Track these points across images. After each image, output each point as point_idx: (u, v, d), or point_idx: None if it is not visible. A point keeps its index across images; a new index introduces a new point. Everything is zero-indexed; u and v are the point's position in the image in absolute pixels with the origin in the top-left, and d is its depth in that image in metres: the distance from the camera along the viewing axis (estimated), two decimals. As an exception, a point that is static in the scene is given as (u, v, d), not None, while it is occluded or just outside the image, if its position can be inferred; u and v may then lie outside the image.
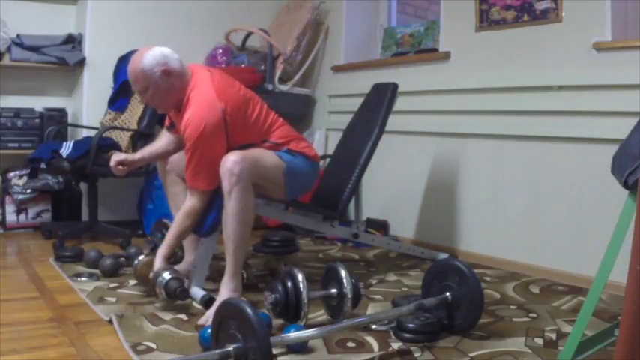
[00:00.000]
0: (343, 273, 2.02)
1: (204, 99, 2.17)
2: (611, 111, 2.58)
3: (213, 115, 2.14)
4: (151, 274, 2.17)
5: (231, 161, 2.07)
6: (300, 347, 1.78)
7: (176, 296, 2.11)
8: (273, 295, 1.98)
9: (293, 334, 1.71)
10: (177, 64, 2.22)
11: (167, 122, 2.52)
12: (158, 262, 2.19)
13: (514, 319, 2.14)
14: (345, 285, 2.00)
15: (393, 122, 3.00)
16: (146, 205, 3.63)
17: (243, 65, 3.84)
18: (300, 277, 1.97)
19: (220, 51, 3.94)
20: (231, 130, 2.20)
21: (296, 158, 2.37)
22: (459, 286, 1.93)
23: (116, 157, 2.41)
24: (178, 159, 2.44)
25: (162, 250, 2.22)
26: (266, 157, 2.27)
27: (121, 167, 2.41)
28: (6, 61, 3.61)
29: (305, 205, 2.69)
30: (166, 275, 2.12)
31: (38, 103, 3.79)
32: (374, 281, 2.68)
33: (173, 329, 1.95)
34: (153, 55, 2.17)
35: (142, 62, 2.16)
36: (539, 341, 1.91)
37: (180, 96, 2.23)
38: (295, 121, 2.57)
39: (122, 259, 2.77)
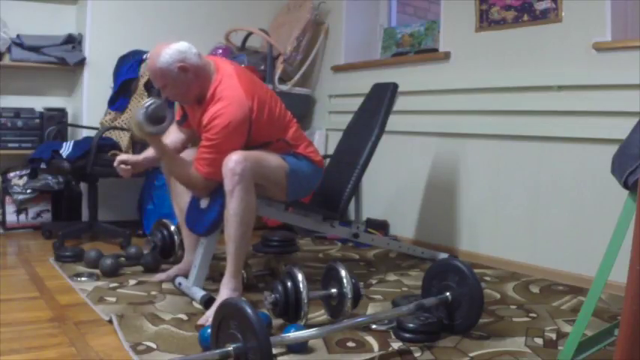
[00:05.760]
0: (343, 273, 2.02)
1: (235, 96, 2.17)
2: (611, 111, 2.58)
3: (241, 113, 2.15)
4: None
5: (233, 161, 2.08)
6: (300, 347, 1.78)
7: (148, 117, 2.07)
8: (273, 295, 1.98)
9: (293, 334, 1.71)
10: (196, 58, 2.21)
11: (178, 116, 2.49)
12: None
13: (514, 319, 2.14)
14: (345, 285, 2.00)
15: (393, 122, 3.00)
16: (146, 205, 3.63)
17: (243, 65, 3.84)
18: (300, 277, 1.97)
19: (220, 51, 3.94)
20: (255, 126, 2.22)
21: (300, 161, 2.38)
22: (459, 286, 1.93)
23: (120, 157, 2.42)
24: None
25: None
26: (269, 157, 2.27)
27: (124, 166, 2.40)
28: (6, 61, 3.62)
29: (305, 205, 2.69)
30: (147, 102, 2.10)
31: (38, 103, 3.79)
32: (374, 281, 2.68)
33: (173, 329, 1.95)
34: (169, 53, 2.16)
35: (159, 60, 2.16)
36: (539, 341, 1.91)
37: (202, 89, 2.22)
38: (295, 121, 2.58)
39: (122, 259, 2.78)
